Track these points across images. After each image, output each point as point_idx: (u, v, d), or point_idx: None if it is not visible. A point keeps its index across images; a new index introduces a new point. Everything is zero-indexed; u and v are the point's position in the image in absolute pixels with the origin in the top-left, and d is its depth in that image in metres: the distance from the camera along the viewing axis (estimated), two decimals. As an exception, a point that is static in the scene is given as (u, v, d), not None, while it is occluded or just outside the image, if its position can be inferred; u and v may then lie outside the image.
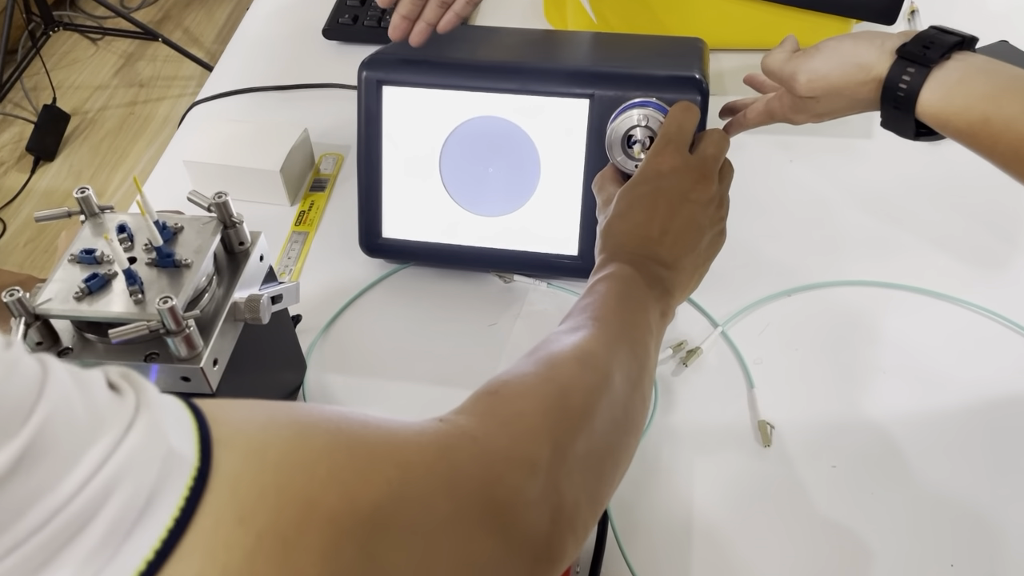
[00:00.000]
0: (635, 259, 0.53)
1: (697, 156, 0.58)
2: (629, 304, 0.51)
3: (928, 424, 0.62)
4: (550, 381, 0.44)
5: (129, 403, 0.30)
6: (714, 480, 0.59)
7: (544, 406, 0.42)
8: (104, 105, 2.27)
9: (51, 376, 0.28)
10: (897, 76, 0.55)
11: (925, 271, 0.71)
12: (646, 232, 0.55)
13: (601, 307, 0.50)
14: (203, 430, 0.31)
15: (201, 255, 0.51)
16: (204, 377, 0.49)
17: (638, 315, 0.51)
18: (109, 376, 0.31)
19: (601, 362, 0.46)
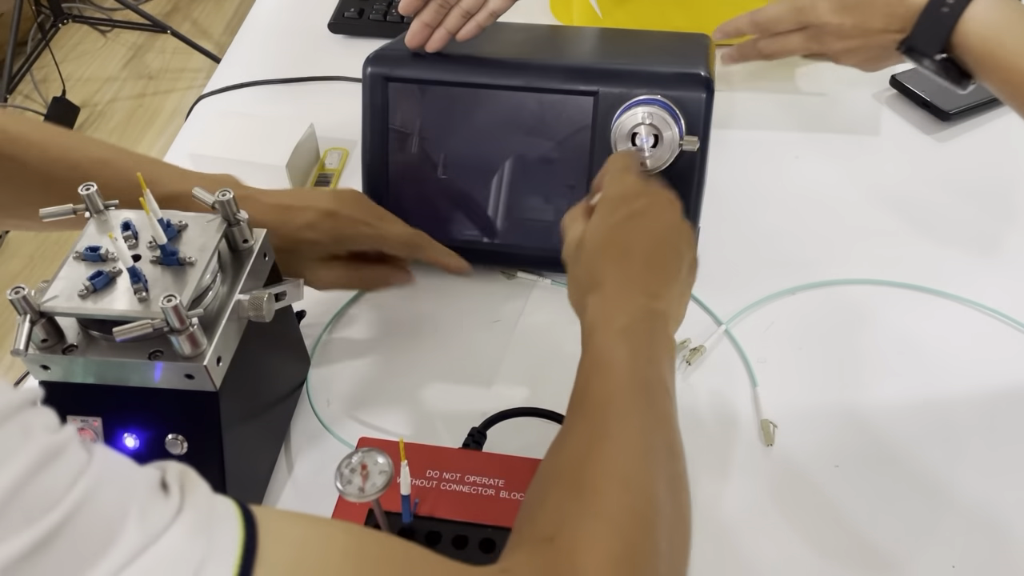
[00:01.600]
0: (627, 302, 0.48)
1: (648, 182, 0.54)
2: (642, 376, 0.45)
3: (933, 424, 0.61)
4: (605, 523, 0.39)
5: (172, 504, 0.29)
6: (717, 479, 0.59)
7: (609, 561, 0.38)
8: (113, 97, 2.28)
9: (93, 467, 0.27)
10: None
11: (931, 269, 0.71)
12: (630, 265, 0.49)
13: (621, 402, 0.44)
14: (249, 538, 0.29)
15: (205, 253, 0.51)
16: (208, 375, 0.49)
17: (655, 385, 0.45)
18: (166, 475, 0.31)
19: (644, 483, 0.41)
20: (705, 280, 0.70)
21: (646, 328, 0.47)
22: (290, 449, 0.63)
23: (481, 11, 0.66)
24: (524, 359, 0.68)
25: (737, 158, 0.82)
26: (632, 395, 0.44)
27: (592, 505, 0.40)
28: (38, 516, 0.25)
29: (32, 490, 0.26)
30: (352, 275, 0.66)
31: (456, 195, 0.71)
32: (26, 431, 0.27)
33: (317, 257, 0.63)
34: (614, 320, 0.47)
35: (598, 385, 0.45)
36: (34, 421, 0.28)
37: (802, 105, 0.88)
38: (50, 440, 0.27)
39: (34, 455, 0.26)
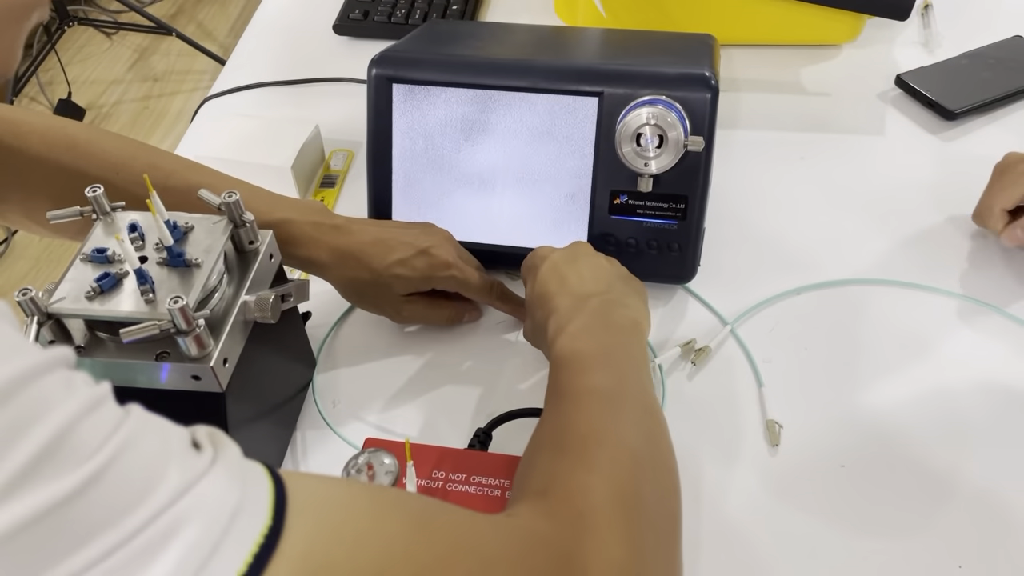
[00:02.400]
0: (586, 311, 0.54)
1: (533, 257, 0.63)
2: (607, 355, 0.51)
3: (939, 423, 0.61)
4: (590, 472, 0.43)
5: (206, 456, 0.30)
6: (722, 479, 0.59)
7: (602, 502, 0.41)
8: (119, 99, 2.29)
9: (131, 419, 0.29)
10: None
11: (937, 269, 0.71)
12: (573, 287, 0.57)
13: (587, 379, 0.49)
14: (279, 493, 0.31)
15: (211, 254, 0.52)
16: (214, 376, 0.49)
17: (619, 361, 0.51)
18: (196, 435, 0.32)
19: (620, 436, 0.46)
20: (710, 280, 0.71)
21: (601, 314, 0.54)
22: (296, 450, 0.63)
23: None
24: (528, 359, 0.68)
25: (742, 158, 0.82)
26: (597, 370, 0.49)
27: (575, 461, 0.44)
28: (85, 458, 0.26)
29: (79, 434, 0.27)
30: (432, 312, 0.68)
31: (461, 196, 0.71)
32: (68, 382, 0.28)
33: (403, 293, 0.65)
34: (570, 324, 0.53)
35: (566, 377, 0.50)
36: (76, 375, 0.29)
37: (807, 105, 0.88)
38: (92, 391, 0.28)
39: (78, 402, 0.27)
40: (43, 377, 0.27)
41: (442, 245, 0.65)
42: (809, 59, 0.92)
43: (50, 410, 0.26)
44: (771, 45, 0.93)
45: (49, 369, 0.27)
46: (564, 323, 0.54)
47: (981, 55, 0.87)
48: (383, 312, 0.67)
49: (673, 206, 0.67)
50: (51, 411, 0.26)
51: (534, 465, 0.46)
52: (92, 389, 0.28)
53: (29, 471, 0.25)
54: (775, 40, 0.93)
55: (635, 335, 0.54)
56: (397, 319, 0.68)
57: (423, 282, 0.64)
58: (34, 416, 0.26)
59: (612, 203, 0.68)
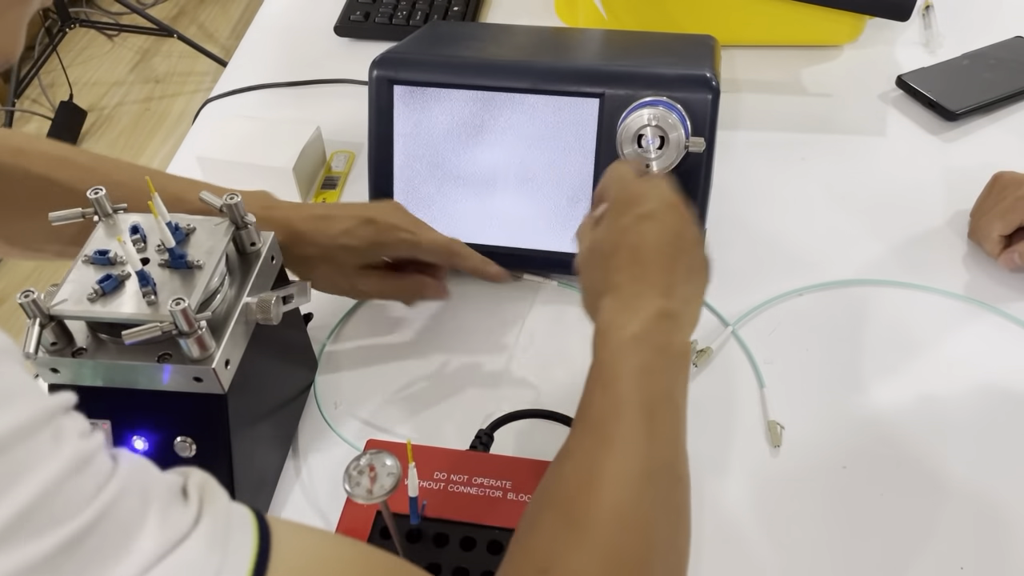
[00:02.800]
0: (646, 317, 0.45)
1: (654, 184, 0.52)
2: (651, 401, 0.43)
3: (941, 424, 0.61)
4: (595, 556, 0.38)
5: (190, 515, 0.30)
6: (724, 480, 0.59)
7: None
8: (120, 101, 2.29)
9: (118, 474, 0.28)
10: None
11: (938, 270, 0.71)
12: (644, 271, 0.48)
13: (624, 421, 0.42)
14: (262, 552, 0.30)
15: (213, 256, 0.52)
16: (216, 377, 0.49)
17: (664, 411, 0.44)
18: (187, 482, 0.32)
19: (642, 511, 0.40)
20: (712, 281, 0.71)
21: (660, 332, 0.45)
22: (298, 451, 0.63)
23: None
24: (530, 360, 0.68)
25: (743, 159, 0.82)
26: (636, 415, 0.42)
27: (585, 540, 0.39)
28: (63, 521, 0.26)
29: (60, 495, 0.27)
30: (388, 284, 0.66)
31: (462, 196, 0.71)
32: (58, 437, 0.28)
33: (354, 265, 0.64)
34: (627, 325, 0.45)
35: (601, 400, 0.44)
36: (67, 426, 0.29)
37: (808, 106, 0.88)
38: (80, 447, 0.28)
39: (64, 461, 0.27)
40: (35, 434, 0.27)
41: (390, 212, 0.64)
42: (810, 60, 0.92)
43: (35, 469, 0.26)
44: (772, 46, 0.93)
45: (44, 423, 0.27)
46: (621, 318, 0.46)
47: (982, 56, 0.87)
48: (340, 290, 0.65)
49: (674, 207, 0.67)
50: (35, 471, 0.26)
51: (539, 525, 0.41)
52: (82, 444, 0.28)
53: (10, 531, 0.25)
54: (776, 41, 0.93)
55: (683, 365, 0.47)
56: (355, 295, 0.67)
57: (371, 250, 0.63)
58: (17, 475, 0.26)
59: (613, 204, 0.68)
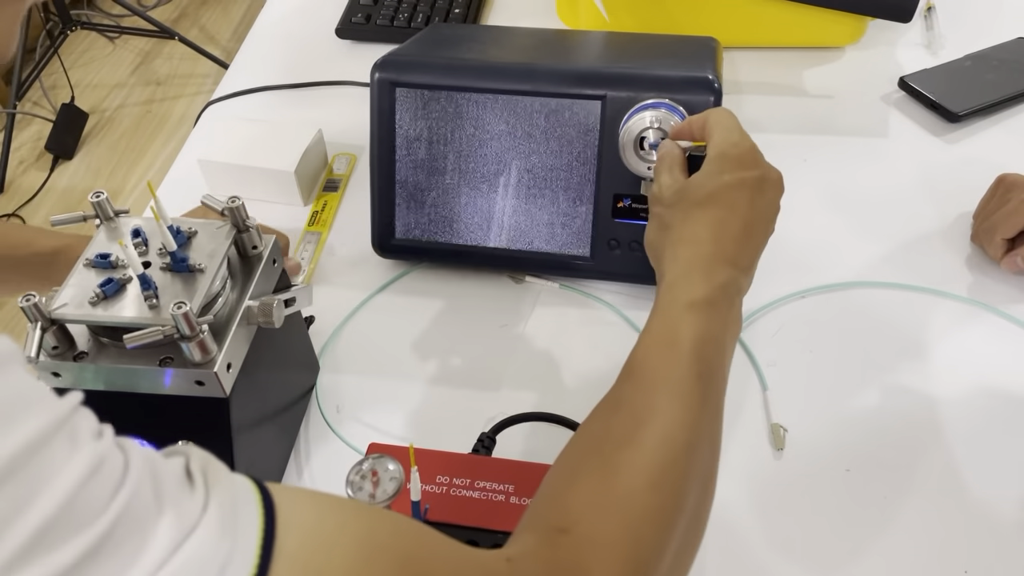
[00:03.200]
0: (714, 269, 0.47)
1: (748, 146, 0.53)
2: (709, 372, 0.44)
3: (943, 428, 0.61)
4: (625, 526, 0.38)
5: (198, 499, 0.30)
6: (727, 483, 0.59)
7: (620, 558, 0.37)
8: (122, 104, 2.29)
9: (131, 470, 0.29)
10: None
11: (941, 272, 0.71)
12: (726, 233, 0.49)
13: (677, 387, 0.43)
14: (268, 528, 0.31)
15: (215, 260, 0.52)
16: (218, 381, 0.49)
17: (716, 383, 0.44)
18: (189, 463, 0.32)
19: (679, 477, 0.40)
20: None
21: (726, 304, 0.47)
22: (300, 455, 0.63)
23: None
24: (532, 363, 0.68)
25: (745, 161, 0.82)
26: (690, 383, 0.43)
27: (618, 501, 0.39)
28: (85, 527, 0.27)
29: (80, 501, 0.27)
30: None
31: (464, 199, 0.71)
32: (74, 440, 0.28)
33: None
34: (697, 287, 0.46)
35: (658, 361, 0.44)
36: (81, 427, 0.29)
37: (810, 108, 0.87)
38: (95, 449, 0.28)
39: (82, 466, 0.27)
40: (52, 440, 0.27)
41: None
42: (812, 61, 0.92)
43: (54, 479, 0.26)
44: (774, 48, 0.93)
45: (60, 427, 0.28)
46: (694, 277, 0.47)
47: (984, 57, 0.87)
48: None
49: (676, 209, 0.67)
50: (56, 479, 0.26)
51: (574, 481, 0.40)
52: (96, 445, 0.28)
53: (34, 544, 0.25)
54: (778, 43, 0.93)
55: (736, 339, 0.48)
56: None
57: None
58: (39, 487, 0.26)
59: (615, 206, 0.68)
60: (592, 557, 0.37)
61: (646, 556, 0.38)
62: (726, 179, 0.50)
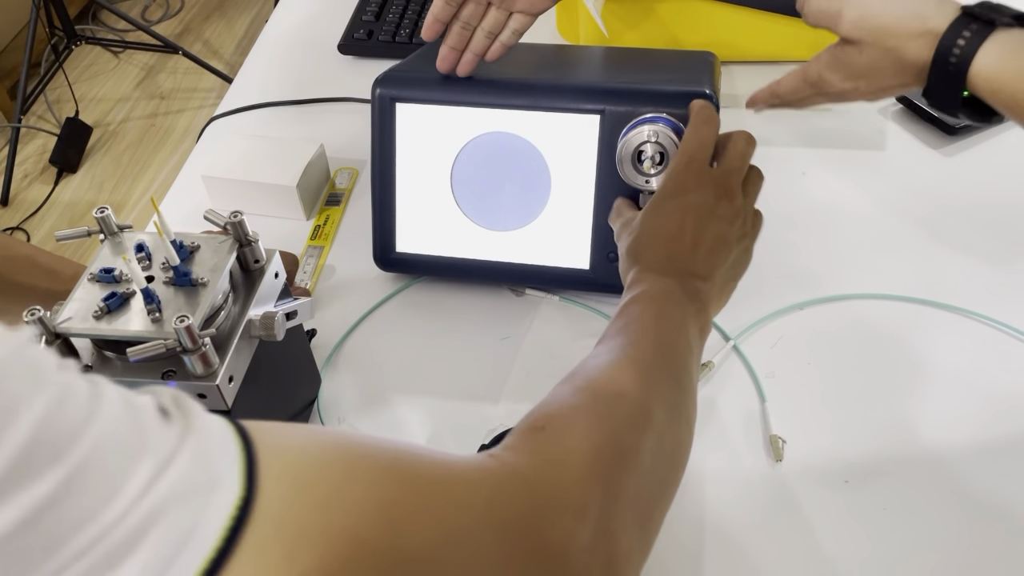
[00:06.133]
0: (669, 272, 0.53)
1: (721, 170, 0.56)
2: (667, 325, 0.50)
3: (942, 439, 0.61)
4: (596, 417, 0.43)
5: (176, 430, 0.29)
6: (726, 495, 0.59)
7: (593, 446, 0.41)
8: (126, 117, 2.31)
9: (102, 400, 0.28)
10: (957, 32, 0.49)
11: (939, 283, 0.71)
12: (678, 245, 0.53)
13: (638, 332, 0.49)
14: (249, 456, 0.31)
15: (217, 273, 0.52)
16: (220, 394, 0.50)
17: (678, 336, 0.49)
18: (161, 399, 0.31)
19: (644, 395, 0.45)
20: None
21: (682, 297, 0.51)
22: (301, 467, 0.63)
23: (504, 30, 0.67)
24: (533, 376, 0.68)
25: (744, 174, 0.82)
26: (654, 347, 0.48)
27: (587, 404, 0.43)
28: (58, 456, 0.26)
29: (51, 433, 0.26)
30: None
31: (464, 213, 0.71)
32: (36, 372, 0.27)
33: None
34: (652, 288, 0.52)
35: (624, 339, 0.48)
36: (41, 358, 0.28)
37: (808, 121, 0.88)
38: (61, 379, 0.27)
39: (50, 396, 0.26)
40: (9, 373, 0.26)
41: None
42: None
43: (20, 412, 0.25)
44: (771, 61, 0.94)
45: (15, 359, 0.26)
46: (649, 282, 0.52)
47: (981, 70, 0.88)
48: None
49: (675, 222, 0.67)
50: (21, 413, 0.25)
51: (549, 398, 0.45)
52: (61, 376, 0.27)
53: (5, 479, 0.25)
54: (776, 56, 0.93)
55: (701, 327, 0.52)
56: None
57: None
58: (3, 421, 0.25)
59: (614, 220, 0.68)
60: (570, 440, 0.41)
61: (620, 445, 0.41)
62: (671, 204, 0.56)
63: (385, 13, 1.03)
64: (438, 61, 0.68)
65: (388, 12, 1.03)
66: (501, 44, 0.67)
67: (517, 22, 0.66)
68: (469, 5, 0.65)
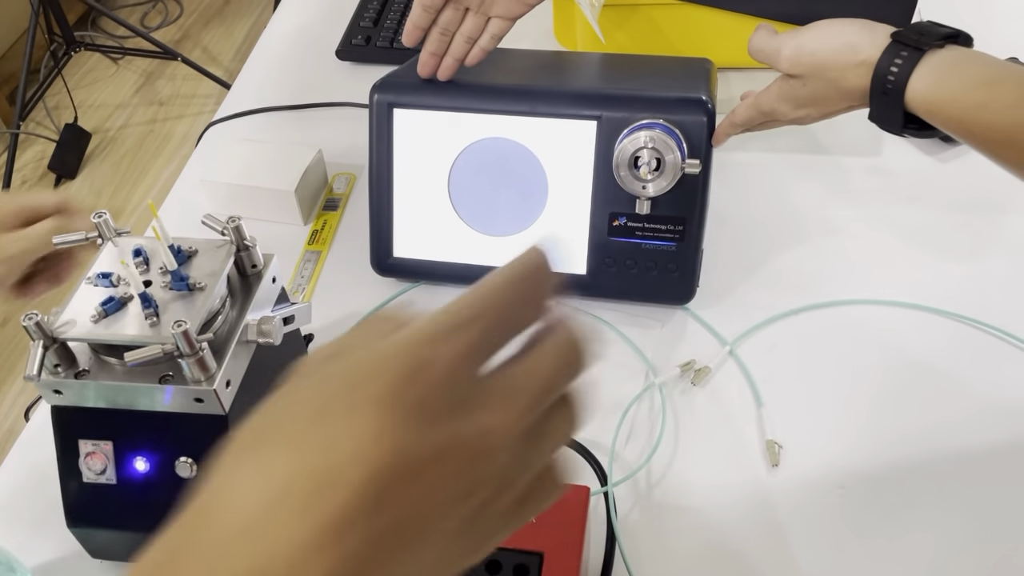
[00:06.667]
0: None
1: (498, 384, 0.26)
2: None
3: (939, 446, 0.61)
4: None
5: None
6: (722, 500, 0.60)
7: None
8: (125, 123, 2.31)
9: None
10: (889, 59, 0.53)
11: (935, 288, 0.71)
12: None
13: None
14: None
15: (215, 278, 0.52)
16: (217, 398, 0.50)
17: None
18: None
19: None
20: (710, 301, 0.71)
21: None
22: (298, 472, 0.63)
23: (483, 35, 0.67)
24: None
25: (739, 180, 0.83)
26: None
27: None
28: None
29: None
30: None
31: (461, 219, 0.72)
32: None
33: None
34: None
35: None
36: None
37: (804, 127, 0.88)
38: None
39: None
40: None
41: None
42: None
43: None
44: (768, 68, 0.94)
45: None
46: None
47: (976, 77, 0.88)
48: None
49: (671, 228, 0.68)
50: None
51: None
52: None
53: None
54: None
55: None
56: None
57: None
58: None
59: (611, 225, 0.69)
60: None
61: None
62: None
63: (383, 19, 1.04)
64: (418, 67, 0.69)
65: (386, 18, 1.04)
66: (480, 49, 0.67)
67: (495, 27, 0.67)
68: (447, 11, 0.66)
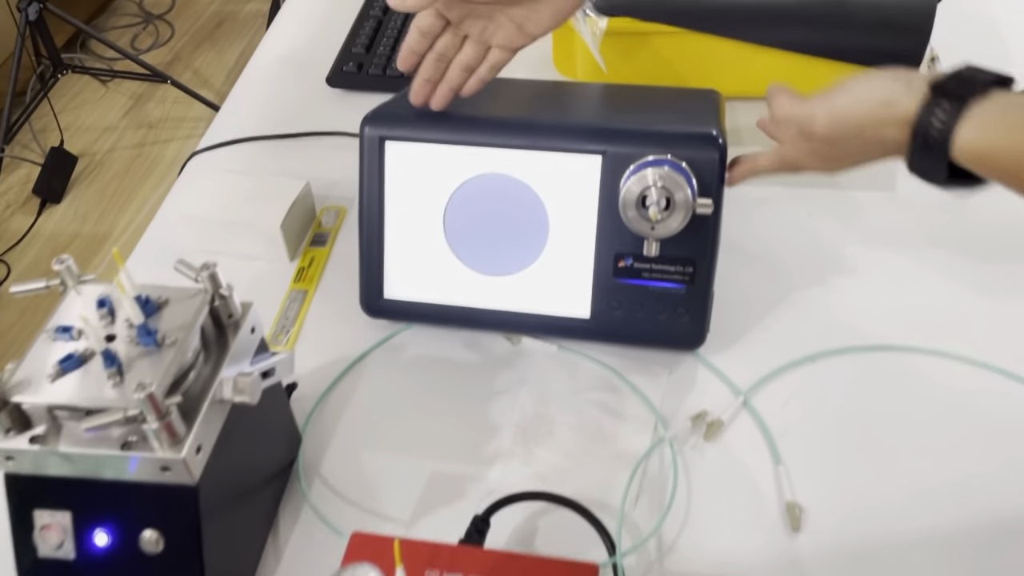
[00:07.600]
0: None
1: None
2: None
3: (975, 507, 0.57)
4: None
5: None
6: (740, 565, 0.55)
7: None
8: (112, 147, 2.27)
9: None
10: (929, 112, 0.49)
11: (961, 333, 0.67)
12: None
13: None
14: None
15: (186, 331, 0.48)
16: (186, 467, 0.45)
17: None
18: None
19: None
20: (721, 346, 0.67)
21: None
22: (278, 536, 0.58)
23: (482, 65, 0.63)
24: (529, 433, 0.63)
25: (750, 217, 0.78)
26: None
27: None
28: None
29: None
30: None
31: (457, 256, 0.67)
32: None
33: None
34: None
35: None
36: None
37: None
38: None
39: None
40: None
41: None
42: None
43: None
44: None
45: None
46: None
47: (993, 108, 0.85)
48: None
49: (681, 269, 0.64)
50: None
51: None
52: None
53: None
54: (780, 92, 0.90)
55: None
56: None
57: None
58: None
59: (616, 266, 0.65)
60: None
61: None
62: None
63: (376, 45, 1.00)
64: (411, 94, 0.65)
65: (379, 44, 1.00)
66: (478, 79, 0.64)
67: (495, 57, 0.63)
68: (445, 36, 0.62)
